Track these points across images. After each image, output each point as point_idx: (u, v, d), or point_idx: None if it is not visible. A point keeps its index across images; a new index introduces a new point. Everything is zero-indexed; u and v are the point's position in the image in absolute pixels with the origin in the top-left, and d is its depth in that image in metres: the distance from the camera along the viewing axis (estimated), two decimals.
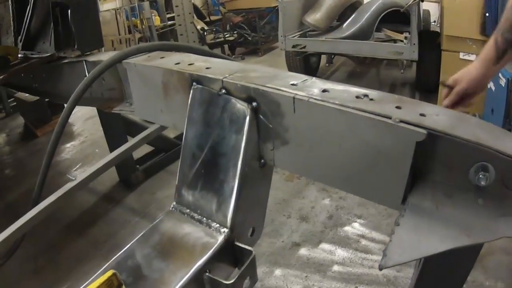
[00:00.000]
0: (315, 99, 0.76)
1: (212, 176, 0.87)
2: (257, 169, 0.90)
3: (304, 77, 0.87)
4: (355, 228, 2.26)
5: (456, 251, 0.66)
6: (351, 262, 2.01)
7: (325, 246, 2.14)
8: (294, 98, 0.77)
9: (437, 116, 0.73)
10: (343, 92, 0.81)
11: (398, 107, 0.75)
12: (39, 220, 1.49)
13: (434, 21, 5.68)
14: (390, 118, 0.70)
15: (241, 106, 0.84)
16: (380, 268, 0.66)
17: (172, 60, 1.06)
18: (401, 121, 0.69)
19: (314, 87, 0.82)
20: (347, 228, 2.27)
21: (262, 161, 0.90)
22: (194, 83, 0.93)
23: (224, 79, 0.87)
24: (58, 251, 2.45)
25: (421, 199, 0.72)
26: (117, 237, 2.46)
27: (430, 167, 0.73)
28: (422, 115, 0.73)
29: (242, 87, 0.84)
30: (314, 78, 0.88)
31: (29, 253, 2.39)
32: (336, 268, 1.98)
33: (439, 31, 4.02)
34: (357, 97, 0.78)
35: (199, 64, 0.99)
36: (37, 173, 1.42)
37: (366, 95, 0.79)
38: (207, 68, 0.95)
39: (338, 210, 2.42)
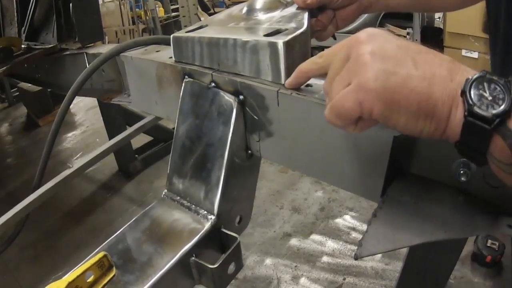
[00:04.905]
0: (297, 93, 0.79)
1: (201, 165, 0.91)
2: (244, 160, 0.94)
3: None
4: (346, 220, 2.30)
5: (438, 245, 0.67)
6: (341, 253, 2.05)
7: (315, 237, 2.18)
8: (278, 92, 0.80)
9: None
10: None
11: None
12: (38, 205, 1.53)
13: (439, 18, 5.63)
14: None
15: (228, 99, 0.87)
16: (355, 258, 0.67)
17: (167, 54, 1.09)
18: None
19: None
20: (338, 220, 2.31)
21: (249, 152, 0.93)
22: (186, 76, 0.96)
23: (213, 73, 0.90)
24: (57, 238, 2.51)
25: (401, 193, 0.73)
26: (114, 224, 2.51)
27: (411, 161, 0.74)
28: None
29: (229, 80, 0.87)
30: None
31: (29, 240, 2.45)
32: (325, 259, 2.02)
33: (442, 27, 4.02)
34: None
35: None
36: (39, 162, 1.46)
37: None
38: None
39: (330, 202, 2.46)
